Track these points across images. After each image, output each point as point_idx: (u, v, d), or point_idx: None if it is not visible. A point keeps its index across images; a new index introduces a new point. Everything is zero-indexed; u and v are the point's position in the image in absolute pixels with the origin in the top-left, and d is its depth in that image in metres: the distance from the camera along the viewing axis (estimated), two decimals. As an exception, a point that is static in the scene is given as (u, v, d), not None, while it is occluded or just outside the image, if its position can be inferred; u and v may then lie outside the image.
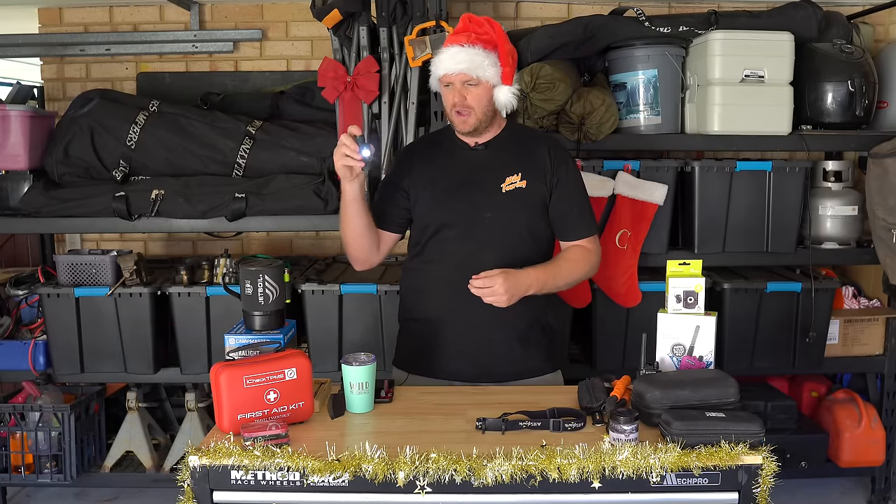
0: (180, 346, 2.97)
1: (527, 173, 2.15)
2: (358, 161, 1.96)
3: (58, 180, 2.94)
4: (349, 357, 1.84)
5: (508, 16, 3.51)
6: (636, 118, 2.99)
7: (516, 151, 2.18)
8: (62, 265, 2.93)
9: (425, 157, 2.25)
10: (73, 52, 3.51)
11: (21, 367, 3.01)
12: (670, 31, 2.92)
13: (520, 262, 2.10)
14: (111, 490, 3.32)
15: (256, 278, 1.95)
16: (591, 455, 1.51)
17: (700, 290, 1.91)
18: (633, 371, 1.85)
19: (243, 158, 2.93)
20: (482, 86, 2.06)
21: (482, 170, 2.17)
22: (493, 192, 2.14)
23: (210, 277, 2.98)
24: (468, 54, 2.04)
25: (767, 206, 2.94)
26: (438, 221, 2.17)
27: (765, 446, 1.55)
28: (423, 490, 1.51)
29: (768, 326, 3.00)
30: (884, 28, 3.53)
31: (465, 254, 2.13)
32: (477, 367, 2.15)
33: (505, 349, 2.16)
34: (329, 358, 2.89)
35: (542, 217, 2.18)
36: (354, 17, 2.75)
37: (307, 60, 3.54)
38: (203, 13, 3.52)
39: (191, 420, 3.14)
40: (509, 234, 2.15)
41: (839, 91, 2.91)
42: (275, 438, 1.56)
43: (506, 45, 2.08)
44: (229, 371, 1.66)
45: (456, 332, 2.15)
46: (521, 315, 2.14)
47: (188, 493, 1.55)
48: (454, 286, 2.08)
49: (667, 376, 1.77)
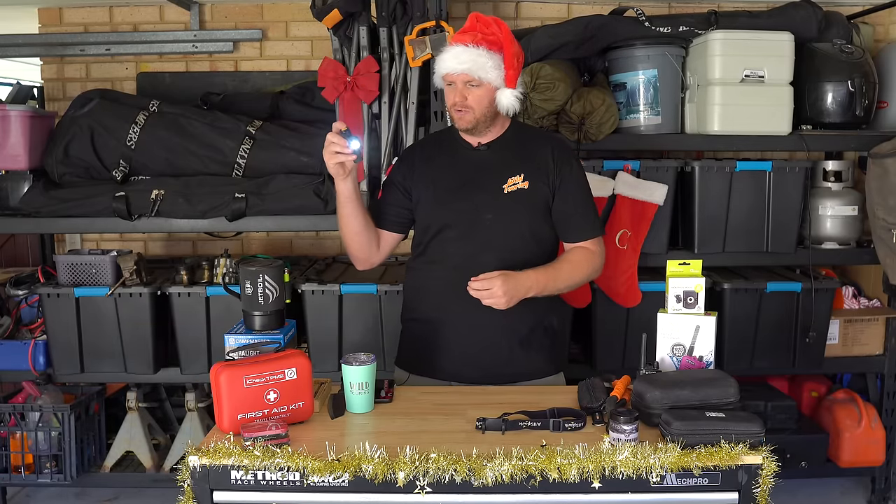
0: (180, 346, 2.97)
1: (529, 174, 2.13)
2: (348, 155, 1.96)
3: (58, 180, 2.94)
4: (349, 357, 1.84)
5: (508, 16, 3.51)
6: (636, 118, 2.99)
7: (519, 152, 2.17)
8: (62, 265, 2.93)
9: (427, 156, 2.24)
10: (73, 52, 3.51)
11: (21, 367, 3.01)
12: (670, 31, 2.92)
13: (521, 263, 2.08)
14: (111, 490, 3.32)
15: (256, 278, 1.95)
16: (591, 455, 1.51)
17: (700, 290, 1.91)
18: (633, 371, 1.85)
19: (243, 158, 2.93)
20: (484, 87, 2.05)
21: (484, 170, 2.16)
22: (495, 192, 2.13)
23: (210, 277, 2.98)
24: (471, 55, 2.02)
25: (767, 206, 2.94)
26: (440, 222, 2.16)
27: (765, 446, 1.55)
28: (423, 490, 1.51)
29: (768, 326, 3.00)
30: (884, 28, 3.53)
31: (466, 255, 2.12)
32: (478, 369, 2.14)
33: (506, 352, 2.15)
34: (329, 358, 2.89)
35: (545, 218, 2.17)
36: (354, 17, 2.75)
37: (307, 60, 3.54)
38: (203, 13, 3.52)
39: (191, 420, 3.14)
40: (511, 236, 2.13)
41: (839, 91, 2.91)
42: (275, 438, 1.56)
43: (512, 47, 2.05)
44: (229, 371, 1.66)
45: (457, 334, 2.14)
46: (523, 317, 2.12)
47: (188, 493, 1.55)
48: (455, 287, 2.06)
49: (667, 376, 1.77)
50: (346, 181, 2.04)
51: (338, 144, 1.96)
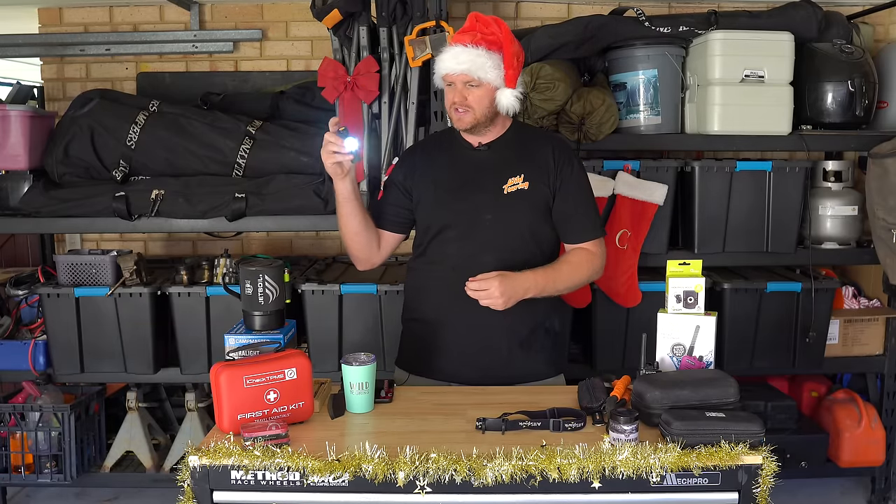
0: (180, 346, 2.97)
1: (529, 174, 2.13)
2: (346, 154, 1.97)
3: (58, 180, 2.94)
4: (349, 357, 1.83)
5: (508, 16, 3.51)
6: (636, 118, 2.99)
7: (519, 152, 2.16)
8: (62, 265, 2.93)
9: (428, 157, 2.24)
10: (73, 52, 3.51)
11: (21, 367, 3.01)
12: (670, 31, 2.92)
13: (521, 264, 2.08)
14: (111, 490, 3.32)
15: (256, 278, 1.95)
16: (591, 455, 1.51)
17: (700, 290, 1.90)
18: (633, 371, 1.85)
19: (243, 158, 2.93)
20: (483, 87, 2.05)
21: (484, 170, 2.15)
22: (495, 193, 2.12)
23: (210, 277, 2.98)
24: (470, 55, 2.02)
25: (767, 206, 2.94)
26: (440, 223, 2.16)
27: (765, 446, 1.55)
28: (423, 490, 1.51)
29: (768, 326, 3.00)
30: (884, 28, 3.53)
31: (466, 255, 2.12)
32: (477, 371, 2.13)
33: (505, 353, 2.14)
34: (329, 358, 2.89)
35: (546, 219, 2.16)
36: (354, 17, 2.75)
37: (307, 60, 3.54)
38: (203, 13, 3.52)
39: (191, 420, 3.14)
40: (510, 236, 2.13)
41: (839, 91, 2.91)
42: (275, 438, 1.56)
43: (511, 47, 2.04)
44: (229, 371, 1.66)
45: (457, 334, 2.14)
46: (523, 319, 2.12)
47: (188, 493, 1.55)
48: (454, 288, 2.05)
49: (667, 376, 1.77)
50: (345, 181, 2.04)
51: (335, 144, 1.96)
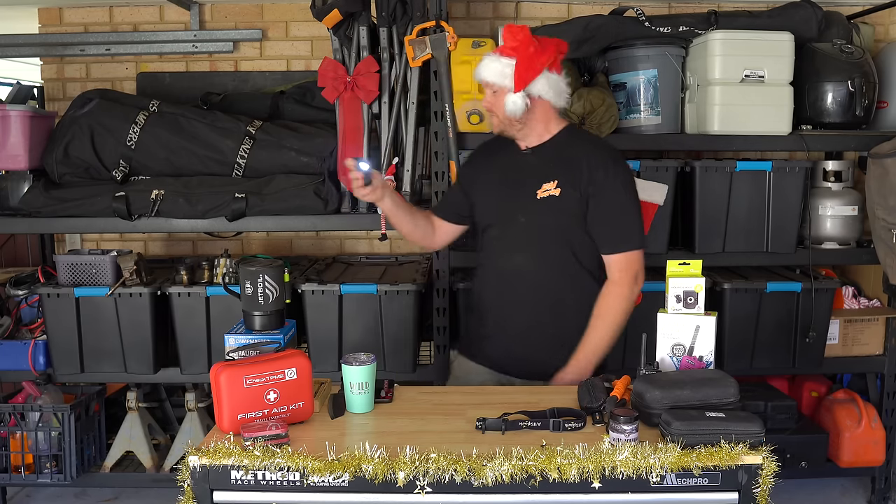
0: (180, 346, 2.97)
1: (563, 181, 2.15)
2: (358, 175, 2.15)
3: (58, 180, 2.95)
4: (349, 357, 1.84)
5: (508, 16, 3.51)
6: (636, 118, 2.99)
7: (558, 158, 2.19)
8: (62, 265, 2.93)
9: (487, 157, 2.36)
10: (73, 52, 3.51)
11: (21, 367, 3.01)
12: (670, 31, 2.92)
13: (557, 267, 2.16)
14: (111, 490, 3.32)
15: (256, 278, 1.95)
16: (591, 455, 1.51)
17: (700, 290, 1.91)
18: (633, 371, 1.85)
19: (243, 158, 2.93)
20: (501, 93, 2.15)
21: (526, 174, 2.21)
22: (530, 197, 2.18)
23: (210, 277, 2.97)
24: (491, 61, 2.15)
25: (767, 206, 2.94)
26: (485, 221, 2.31)
27: (765, 446, 1.55)
28: (423, 490, 1.51)
29: (768, 326, 3.00)
30: (884, 28, 3.53)
31: (503, 254, 2.24)
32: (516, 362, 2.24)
33: (545, 353, 2.19)
34: (329, 358, 2.89)
35: (579, 225, 2.17)
36: (354, 17, 2.75)
37: (307, 60, 3.54)
38: (203, 13, 3.52)
39: (191, 420, 3.14)
40: (544, 240, 2.18)
41: (839, 91, 2.91)
42: (275, 438, 1.56)
43: (525, 52, 2.11)
44: (229, 371, 1.66)
45: (499, 328, 2.25)
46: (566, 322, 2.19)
47: (188, 493, 1.55)
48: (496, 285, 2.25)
49: (667, 376, 1.76)
50: (384, 201, 2.24)
51: (353, 174, 2.14)
